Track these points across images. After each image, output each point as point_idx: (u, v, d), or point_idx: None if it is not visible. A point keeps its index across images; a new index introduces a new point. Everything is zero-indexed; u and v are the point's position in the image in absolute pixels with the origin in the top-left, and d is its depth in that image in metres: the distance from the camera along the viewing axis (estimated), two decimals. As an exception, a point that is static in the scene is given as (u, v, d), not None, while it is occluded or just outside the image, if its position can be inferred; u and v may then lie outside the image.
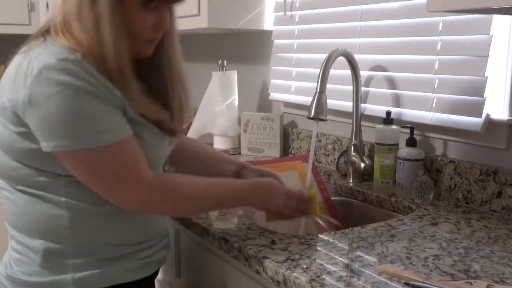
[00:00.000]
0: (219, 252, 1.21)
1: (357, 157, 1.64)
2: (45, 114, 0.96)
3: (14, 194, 1.08)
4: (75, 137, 0.97)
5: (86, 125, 0.97)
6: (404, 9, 1.56)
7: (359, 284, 0.92)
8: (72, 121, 0.96)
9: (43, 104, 0.95)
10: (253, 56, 2.27)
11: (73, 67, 0.96)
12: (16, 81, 0.99)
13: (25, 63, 0.99)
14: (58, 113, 0.95)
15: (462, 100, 1.40)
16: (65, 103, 0.95)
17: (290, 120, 2.08)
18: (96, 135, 0.97)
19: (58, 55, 0.97)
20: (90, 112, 0.97)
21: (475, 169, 1.39)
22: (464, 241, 1.14)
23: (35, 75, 0.95)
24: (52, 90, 0.94)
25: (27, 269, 1.07)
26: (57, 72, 0.95)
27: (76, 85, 0.95)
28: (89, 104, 0.97)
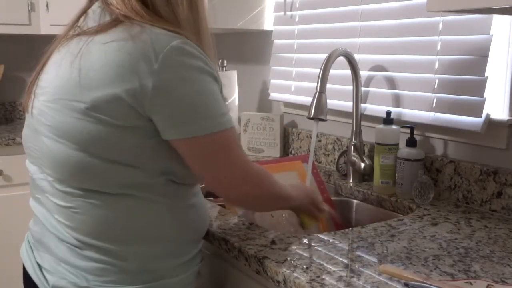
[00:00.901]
0: (219, 252, 1.21)
1: (357, 157, 1.64)
2: (178, 100, 0.92)
3: (104, 199, 0.98)
4: (205, 121, 0.95)
5: (212, 109, 0.95)
6: (404, 9, 1.56)
7: (359, 284, 0.92)
8: (202, 105, 0.94)
9: (175, 90, 0.92)
10: (253, 56, 2.27)
11: (194, 49, 0.94)
12: (136, 68, 0.91)
13: (140, 49, 0.92)
14: (190, 98, 0.93)
15: (462, 100, 1.40)
16: (194, 88, 0.93)
17: (290, 120, 2.08)
18: (220, 118, 0.96)
19: (176, 38, 0.94)
20: (214, 96, 0.96)
21: (475, 169, 1.39)
22: (464, 241, 1.14)
23: (162, 60, 0.91)
24: (184, 73, 0.92)
25: (117, 278, 0.99)
26: (184, 55, 0.93)
27: (200, 68, 0.94)
28: (212, 88, 0.96)
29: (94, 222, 0.98)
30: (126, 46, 0.93)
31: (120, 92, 0.91)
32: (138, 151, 0.96)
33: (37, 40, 2.78)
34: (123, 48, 0.93)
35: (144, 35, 0.93)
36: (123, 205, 0.98)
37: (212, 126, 0.95)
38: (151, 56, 0.91)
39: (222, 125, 0.97)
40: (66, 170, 0.98)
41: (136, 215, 0.99)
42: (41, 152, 1.02)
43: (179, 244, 1.06)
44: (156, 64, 0.91)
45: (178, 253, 1.06)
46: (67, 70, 0.98)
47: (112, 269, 0.99)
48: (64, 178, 0.99)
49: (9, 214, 2.32)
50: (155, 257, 1.02)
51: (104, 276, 0.99)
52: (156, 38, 0.93)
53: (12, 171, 2.34)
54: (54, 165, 0.99)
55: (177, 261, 1.05)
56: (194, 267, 1.10)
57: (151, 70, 0.91)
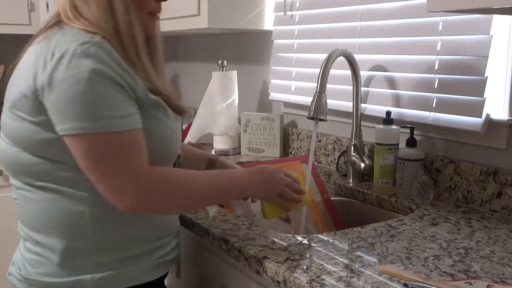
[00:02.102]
0: (219, 252, 1.21)
1: (357, 157, 1.64)
2: (61, 94, 0.94)
3: (34, 192, 1.05)
4: (88, 120, 0.94)
5: (96, 109, 0.95)
6: (404, 9, 1.56)
7: (359, 284, 0.92)
8: (86, 103, 0.94)
9: (61, 85, 0.94)
10: (253, 56, 2.27)
11: (96, 50, 0.95)
12: (36, 68, 0.98)
13: (44, 50, 0.98)
14: (74, 94, 0.94)
15: (462, 100, 1.40)
16: (82, 86, 0.93)
17: (290, 120, 2.08)
18: (104, 120, 0.95)
19: (79, 39, 0.96)
20: (105, 97, 0.95)
21: (475, 169, 1.39)
22: (464, 241, 1.14)
23: (56, 60, 0.95)
24: (72, 73, 0.94)
25: (45, 269, 1.05)
26: (80, 57, 0.94)
27: (98, 69, 0.94)
28: (106, 89, 0.95)
29: (27, 214, 1.07)
30: (38, 47, 1.01)
31: (25, 89, 0.99)
32: (54, 145, 0.99)
33: (37, 40, 2.78)
34: (35, 50, 1.01)
35: (55, 36, 1.00)
36: (50, 199, 1.03)
37: (93, 126, 0.94)
38: (49, 56, 0.96)
39: (103, 127, 0.95)
40: (7, 165, 1.08)
41: (60, 210, 1.03)
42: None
43: (108, 243, 1.05)
44: (51, 63, 0.95)
45: (108, 251, 1.05)
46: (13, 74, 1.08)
47: (43, 261, 1.05)
48: (8, 172, 1.09)
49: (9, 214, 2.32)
50: (81, 253, 1.04)
51: (36, 267, 1.06)
52: (63, 39, 0.98)
53: (12, 171, 2.34)
54: (2, 161, 1.10)
55: (106, 258, 1.04)
56: (138, 264, 1.07)
57: (45, 69, 0.96)
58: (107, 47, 0.97)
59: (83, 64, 0.94)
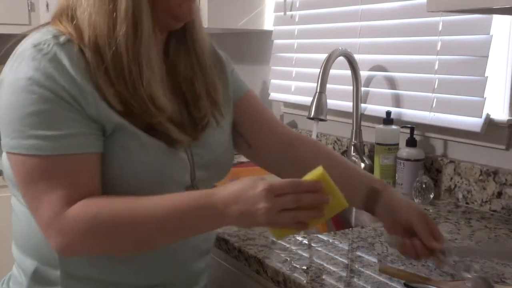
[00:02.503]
0: (219, 252, 1.21)
1: (357, 157, 1.64)
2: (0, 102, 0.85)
3: (16, 205, 0.95)
4: (15, 137, 0.82)
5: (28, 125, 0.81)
6: (404, 9, 1.56)
7: (359, 284, 0.92)
8: (16, 117, 0.82)
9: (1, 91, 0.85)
10: (253, 56, 2.27)
11: (42, 57, 0.82)
12: None
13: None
14: (7, 105, 0.83)
15: (462, 100, 1.40)
16: (15, 95, 0.82)
17: (290, 120, 2.08)
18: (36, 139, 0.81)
19: (37, 39, 0.84)
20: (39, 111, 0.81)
21: (475, 169, 1.39)
22: (464, 241, 1.14)
23: (9, 60, 0.86)
24: (12, 78, 0.83)
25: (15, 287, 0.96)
26: (25, 60, 0.82)
27: (35, 77, 0.81)
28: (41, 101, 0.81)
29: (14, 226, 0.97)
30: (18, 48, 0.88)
31: None
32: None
33: (37, 40, 2.78)
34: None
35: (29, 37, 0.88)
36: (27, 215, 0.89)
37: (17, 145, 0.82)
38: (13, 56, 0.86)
39: (32, 149, 0.81)
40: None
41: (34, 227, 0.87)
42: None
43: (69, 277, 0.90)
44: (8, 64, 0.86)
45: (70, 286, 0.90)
46: None
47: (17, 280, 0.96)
48: None
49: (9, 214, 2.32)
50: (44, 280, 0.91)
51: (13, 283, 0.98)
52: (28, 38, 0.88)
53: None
54: None
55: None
56: None
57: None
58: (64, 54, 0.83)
59: (23, 70, 0.82)
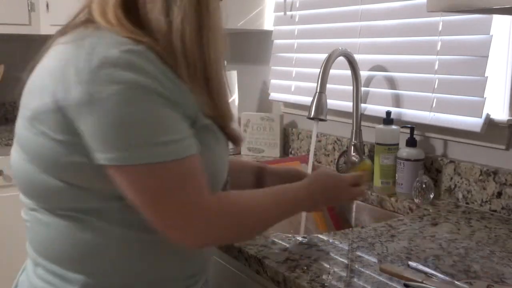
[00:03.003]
0: (219, 252, 1.21)
1: (357, 157, 1.64)
2: (101, 118, 0.78)
3: (51, 218, 0.88)
4: (137, 149, 0.79)
5: (146, 135, 0.79)
6: (404, 9, 1.56)
7: (359, 284, 0.92)
8: (130, 128, 0.78)
9: (100, 105, 0.77)
10: (253, 56, 2.27)
11: (140, 60, 0.79)
12: (66, 77, 0.80)
13: (74, 55, 0.81)
14: (116, 117, 0.77)
15: (462, 100, 1.40)
16: (126, 106, 0.78)
17: (290, 120, 2.08)
18: (160, 148, 0.79)
19: (121, 45, 0.79)
20: (154, 118, 0.80)
21: (475, 169, 1.39)
22: (464, 241, 1.14)
23: (92, 70, 0.77)
24: (113, 88, 0.77)
25: None
26: (120, 67, 0.78)
27: (142, 83, 0.78)
28: (154, 108, 0.79)
29: (41, 240, 0.91)
30: (64, 50, 0.83)
31: (50, 101, 0.81)
32: (80, 170, 0.83)
33: (37, 40, 2.76)
34: (60, 53, 0.84)
35: (88, 39, 0.82)
36: (70, 228, 0.87)
37: (143, 156, 0.79)
38: (84, 64, 0.79)
39: (160, 156, 0.79)
40: (20, 181, 0.91)
41: (84, 241, 0.87)
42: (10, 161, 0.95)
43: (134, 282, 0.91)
44: (86, 74, 0.78)
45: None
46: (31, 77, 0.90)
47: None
48: (20, 189, 0.92)
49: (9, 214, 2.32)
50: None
51: None
52: (99, 43, 0.80)
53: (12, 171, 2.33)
54: (13, 174, 0.93)
55: None
56: None
57: (79, 80, 0.78)
58: (153, 57, 0.81)
59: (125, 78, 0.77)
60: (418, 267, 0.98)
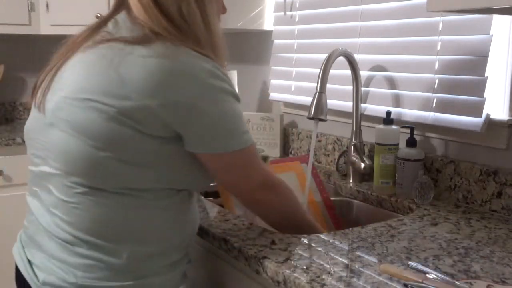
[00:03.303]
0: (219, 252, 1.21)
1: (357, 157, 1.64)
2: (209, 119, 1.00)
3: (107, 198, 1.00)
4: (233, 139, 1.03)
5: (239, 127, 1.04)
6: (404, 9, 1.56)
7: (359, 284, 0.92)
8: (230, 123, 1.03)
9: (208, 108, 0.99)
10: (253, 56, 2.27)
11: (223, 74, 1.02)
12: (168, 85, 0.96)
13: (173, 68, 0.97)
14: (221, 116, 1.01)
15: (462, 100, 1.40)
16: (225, 107, 1.01)
17: (290, 120, 2.08)
18: (245, 136, 1.05)
19: (207, 61, 1.00)
20: (239, 115, 1.05)
21: (475, 169, 1.39)
22: (464, 241, 1.14)
23: (196, 81, 0.98)
24: (213, 95, 1.00)
25: (103, 274, 1.01)
26: (214, 78, 1.00)
27: (227, 89, 1.02)
28: (237, 107, 1.05)
29: (92, 219, 1.01)
30: (166, 63, 0.97)
31: (153, 105, 0.96)
32: (154, 156, 1.00)
33: (37, 40, 2.78)
34: (163, 65, 0.97)
35: (180, 55, 0.99)
36: (122, 205, 1.01)
37: (236, 144, 1.04)
38: (187, 76, 0.97)
39: (244, 143, 1.05)
40: (79, 166, 0.99)
41: (133, 215, 1.03)
42: (51, 144, 1.03)
43: (169, 246, 1.09)
44: (191, 84, 0.97)
45: (167, 254, 1.08)
46: (100, 74, 0.99)
47: (100, 266, 1.01)
48: (74, 172, 1.00)
49: (9, 214, 2.32)
50: (144, 257, 1.05)
51: (92, 272, 1.01)
52: (192, 60, 0.99)
53: (12, 171, 2.33)
54: (65, 159, 1.00)
55: (164, 261, 1.08)
56: (180, 267, 1.13)
57: (185, 89, 0.97)
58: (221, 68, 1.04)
59: (220, 86, 1.01)
60: (418, 267, 0.98)
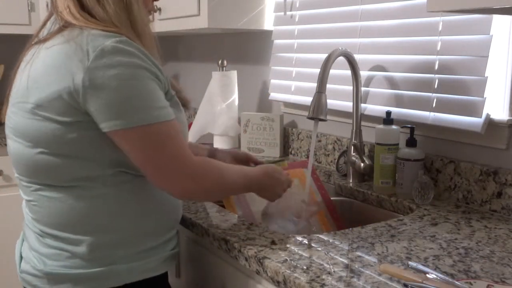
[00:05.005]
0: (219, 252, 1.21)
1: (357, 157, 1.64)
2: (110, 94, 0.97)
3: (57, 192, 1.06)
4: (137, 114, 0.99)
5: (146, 102, 1.00)
6: (404, 9, 1.56)
7: (359, 284, 0.92)
8: (134, 98, 0.99)
9: (106, 85, 0.97)
10: (253, 56, 2.27)
11: (129, 47, 0.99)
12: (71, 69, 0.98)
13: (73, 50, 0.99)
14: (122, 92, 0.98)
15: (462, 100, 1.40)
16: (127, 82, 0.98)
17: (290, 120, 2.08)
18: (155, 111, 1.00)
19: (109, 37, 0.99)
20: (148, 90, 1.00)
21: (475, 169, 1.39)
22: (464, 241, 1.14)
23: (94, 58, 0.97)
24: (114, 71, 0.97)
25: (69, 262, 1.07)
26: (117, 53, 0.98)
27: (135, 64, 0.99)
28: (147, 82, 1.00)
29: (50, 214, 1.07)
30: (64, 48, 1.01)
31: (58, 90, 0.99)
32: (83, 144, 1.02)
33: (37, 40, 2.78)
34: (61, 50, 1.01)
35: (80, 37, 1.01)
36: (74, 197, 1.06)
37: (142, 119, 0.99)
38: (85, 55, 0.98)
39: (155, 118, 1.00)
40: (24, 166, 1.08)
41: (87, 206, 1.06)
42: (10, 153, 1.13)
43: (137, 234, 1.10)
44: (88, 62, 0.97)
45: (137, 242, 1.10)
46: (22, 76, 1.08)
47: (67, 255, 1.07)
48: (24, 173, 1.09)
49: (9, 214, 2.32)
50: (108, 245, 1.08)
51: (59, 261, 1.07)
52: (91, 39, 1.00)
53: (11, 171, 2.32)
54: (16, 162, 1.11)
55: (134, 249, 1.10)
56: (156, 255, 1.13)
57: (83, 68, 0.97)
58: (131, 41, 1.01)
59: (124, 60, 0.98)
60: (418, 267, 0.98)
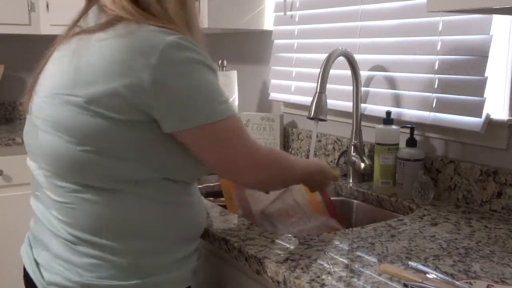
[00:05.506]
0: (219, 252, 1.21)
1: (357, 157, 1.64)
2: (177, 92, 0.94)
3: (99, 195, 0.99)
4: (204, 111, 0.96)
5: (212, 97, 0.98)
6: (404, 9, 1.56)
7: (359, 284, 0.92)
8: (202, 96, 0.96)
9: (173, 83, 0.94)
10: (253, 56, 2.27)
11: (190, 43, 0.96)
12: (132, 64, 0.93)
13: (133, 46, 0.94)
14: (192, 88, 0.95)
15: (462, 100, 1.40)
16: (192, 80, 0.95)
17: (290, 120, 2.08)
18: (221, 106, 0.98)
19: (171, 34, 0.96)
20: (213, 85, 0.98)
21: (475, 169, 1.39)
22: (464, 241, 1.14)
23: (159, 56, 0.93)
24: (179, 68, 0.94)
25: (107, 273, 0.99)
26: (180, 50, 0.94)
27: (198, 60, 0.96)
28: (210, 78, 0.98)
29: (88, 217, 1.00)
30: (122, 42, 0.95)
31: (118, 86, 0.93)
32: (134, 145, 0.97)
33: (37, 40, 2.78)
34: (120, 44, 0.95)
35: (139, 32, 0.96)
36: (117, 201, 0.99)
37: (212, 115, 0.97)
38: (148, 51, 0.93)
39: (223, 113, 0.98)
40: (63, 164, 0.99)
41: (129, 211, 1.00)
42: (39, 147, 1.04)
43: (172, 242, 1.06)
44: (153, 59, 0.93)
45: (171, 251, 1.05)
46: (64, 66, 1.00)
47: (105, 265, 1.00)
48: (61, 172, 1.00)
49: (9, 214, 2.32)
50: (147, 253, 1.02)
51: (96, 272, 0.99)
52: (152, 35, 0.95)
53: (12, 171, 2.34)
54: (50, 159, 1.01)
55: (169, 258, 1.05)
56: (188, 265, 1.10)
57: (148, 65, 0.93)
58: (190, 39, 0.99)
59: (188, 57, 0.95)
60: (418, 267, 0.98)
